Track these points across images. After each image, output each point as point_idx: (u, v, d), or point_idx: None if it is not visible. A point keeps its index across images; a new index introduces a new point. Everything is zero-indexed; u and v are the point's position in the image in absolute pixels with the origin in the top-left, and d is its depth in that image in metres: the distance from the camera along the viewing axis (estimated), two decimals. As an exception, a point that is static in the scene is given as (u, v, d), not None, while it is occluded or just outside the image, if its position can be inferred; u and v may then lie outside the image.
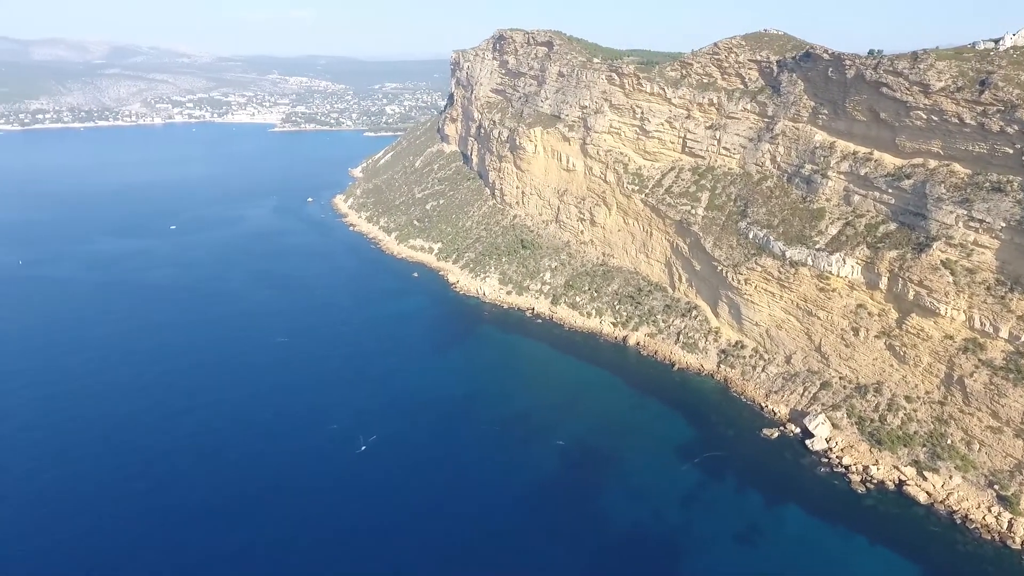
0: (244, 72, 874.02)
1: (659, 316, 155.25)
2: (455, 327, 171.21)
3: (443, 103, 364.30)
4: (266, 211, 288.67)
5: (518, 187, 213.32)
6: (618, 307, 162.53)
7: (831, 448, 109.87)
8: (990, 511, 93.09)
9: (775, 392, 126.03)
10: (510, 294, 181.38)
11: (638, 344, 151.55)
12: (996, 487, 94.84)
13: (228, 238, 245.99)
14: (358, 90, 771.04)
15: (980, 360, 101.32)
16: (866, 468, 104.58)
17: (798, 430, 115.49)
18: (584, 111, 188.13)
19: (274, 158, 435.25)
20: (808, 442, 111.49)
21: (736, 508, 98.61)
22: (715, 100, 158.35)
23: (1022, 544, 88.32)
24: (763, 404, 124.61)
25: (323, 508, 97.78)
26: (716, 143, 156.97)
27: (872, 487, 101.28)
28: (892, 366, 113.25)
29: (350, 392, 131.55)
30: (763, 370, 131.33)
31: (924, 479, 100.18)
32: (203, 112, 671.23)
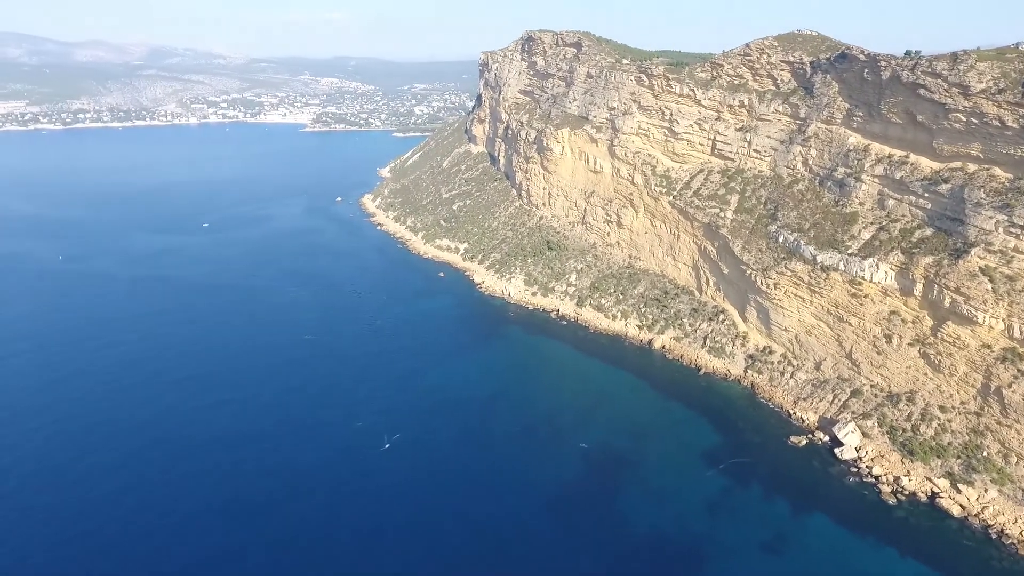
0: (277, 73, 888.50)
1: (685, 320, 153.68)
2: (480, 328, 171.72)
3: (471, 104, 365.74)
4: (296, 210, 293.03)
5: (545, 188, 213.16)
6: (644, 310, 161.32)
7: (861, 457, 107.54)
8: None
9: (804, 399, 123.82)
10: (535, 295, 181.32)
11: (664, 348, 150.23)
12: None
13: (259, 236, 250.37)
14: (387, 91, 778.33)
15: (1020, 370, 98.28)
16: (897, 479, 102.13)
17: (827, 438, 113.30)
18: (612, 112, 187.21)
19: (304, 158, 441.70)
20: (837, 451, 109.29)
21: (762, 516, 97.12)
22: (746, 102, 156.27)
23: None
24: (791, 411, 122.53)
25: (346, 506, 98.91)
26: (746, 145, 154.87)
27: (903, 498, 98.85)
28: (926, 375, 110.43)
29: (375, 390, 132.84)
30: (792, 376, 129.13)
31: (958, 492, 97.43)
32: (236, 112, 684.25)
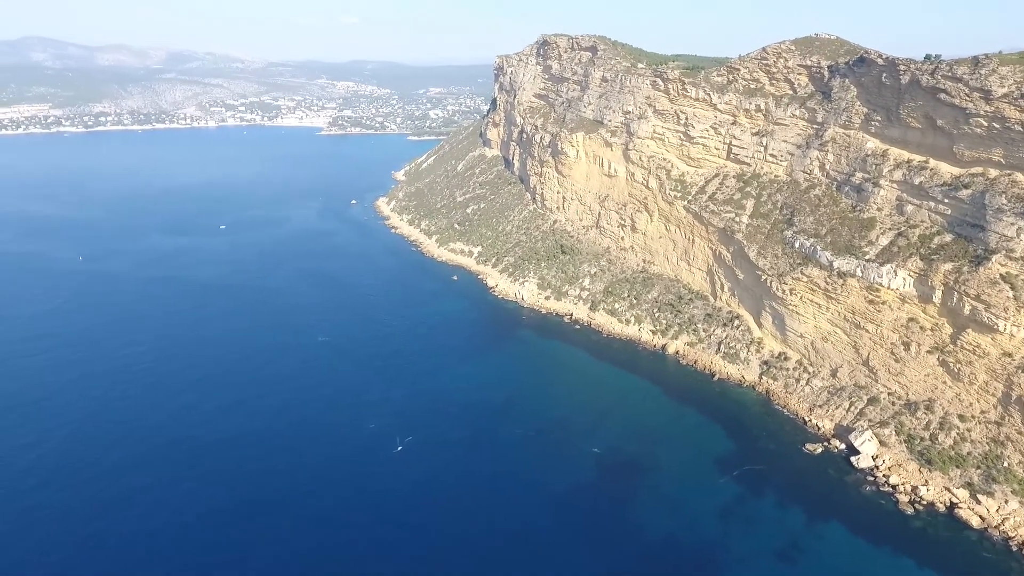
0: (294, 77, 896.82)
1: (700, 325, 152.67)
2: (493, 331, 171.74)
3: (486, 108, 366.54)
4: (312, 212, 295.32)
5: (559, 192, 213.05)
6: (658, 315, 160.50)
7: (878, 466, 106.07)
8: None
9: (819, 406, 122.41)
10: (549, 299, 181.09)
11: (677, 353, 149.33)
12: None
13: (274, 238, 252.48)
14: (403, 94, 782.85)
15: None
16: (915, 488, 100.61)
17: (843, 446, 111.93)
18: (627, 116, 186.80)
19: (320, 161, 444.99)
20: (853, 459, 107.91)
21: (776, 524, 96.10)
22: (762, 106, 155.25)
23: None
24: (806, 418, 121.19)
25: (359, 507, 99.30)
26: (763, 150, 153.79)
27: (921, 508, 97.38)
28: (945, 383, 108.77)
29: (388, 392, 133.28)
30: (807, 383, 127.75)
31: (977, 502, 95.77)
32: (254, 116, 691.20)
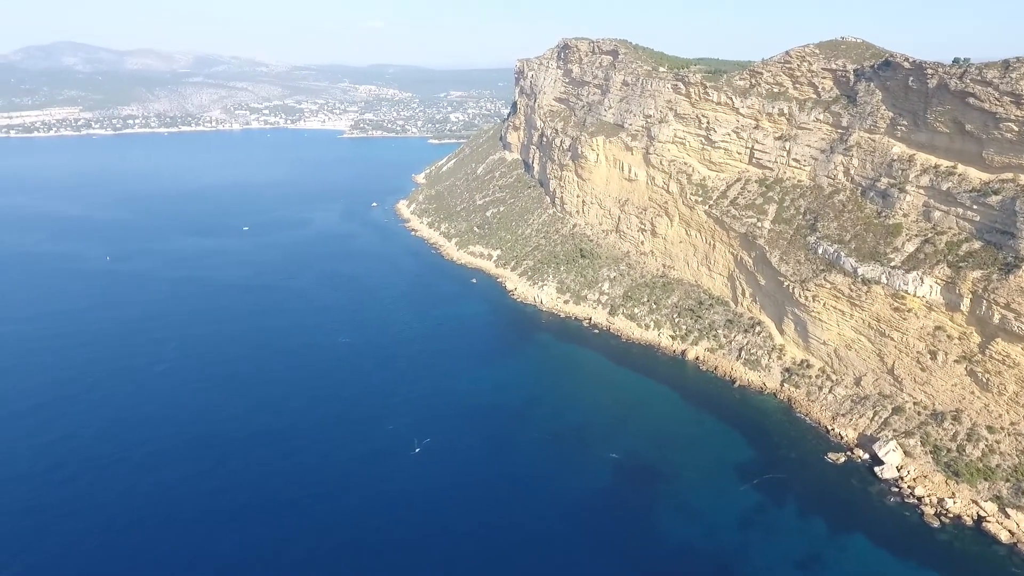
0: (317, 80, 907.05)
1: (720, 331, 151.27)
2: (511, 334, 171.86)
3: (506, 111, 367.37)
4: (333, 215, 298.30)
5: (579, 196, 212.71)
6: (677, 320, 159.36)
7: (902, 477, 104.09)
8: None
9: (842, 415, 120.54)
10: (567, 303, 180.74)
11: (697, 359, 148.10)
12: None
13: (297, 240, 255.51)
14: (424, 98, 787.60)
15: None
16: (941, 501, 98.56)
17: (867, 456, 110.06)
18: (648, 120, 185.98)
19: (342, 164, 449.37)
20: (877, 469, 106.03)
21: (797, 534, 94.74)
22: (785, 110, 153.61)
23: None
24: (829, 427, 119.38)
25: (376, 508, 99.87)
26: (785, 154, 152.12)
27: (947, 521, 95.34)
28: (973, 393, 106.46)
29: (407, 394, 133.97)
30: (830, 391, 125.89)
31: (1007, 516, 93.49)
32: (278, 119, 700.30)
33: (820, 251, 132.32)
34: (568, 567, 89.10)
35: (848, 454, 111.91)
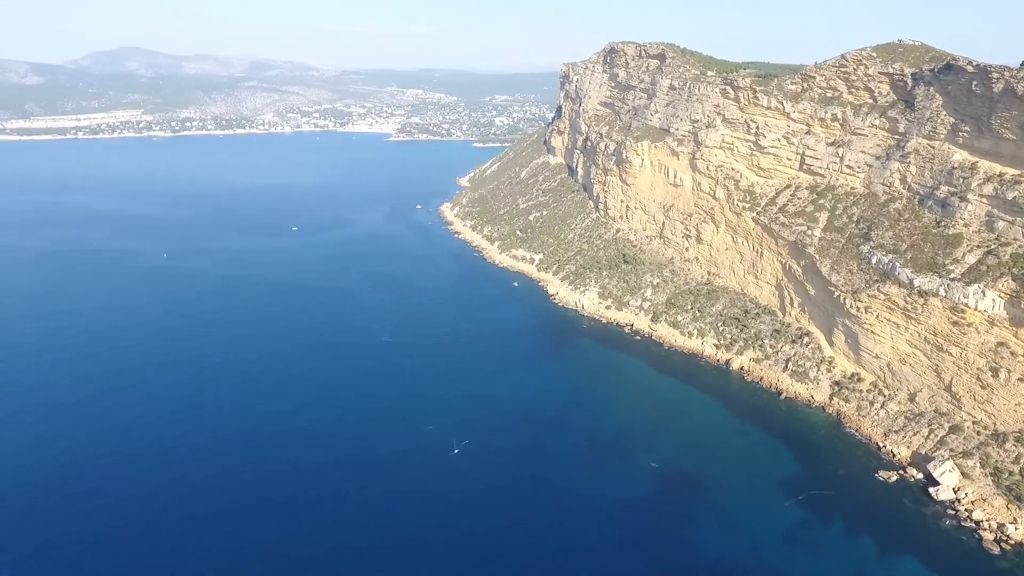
0: (365, 84, 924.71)
1: (766, 341, 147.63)
2: (552, 338, 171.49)
3: (551, 115, 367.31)
4: (378, 216, 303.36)
5: (622, 201, 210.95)
6: (722, 329, 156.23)
7: (959, 499, 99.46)
8: None
9: (895, 432, 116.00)
10: (609, 309, 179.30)
11: (742, 368, 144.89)
12: None
13: (343, 240, 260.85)
14: (469, 102, 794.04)
15: None
16: (1001, 526, 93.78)
17: (921, 476, 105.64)
18: (695, 125, 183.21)
19: (388, 166, 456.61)
20: (932, 490, 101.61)
21: (844, 554, 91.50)
22: (839, 115, 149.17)
23: None
24: (881, 444, 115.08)
25: (414, 507, 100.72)
26: (838, 161, 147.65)
27: (1008, 548, 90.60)
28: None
29: (446, 395, 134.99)
30: (882, 407, 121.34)
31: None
32: (327, 122, 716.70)
33: (874, 261, 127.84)
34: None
35: (900, 473, 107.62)
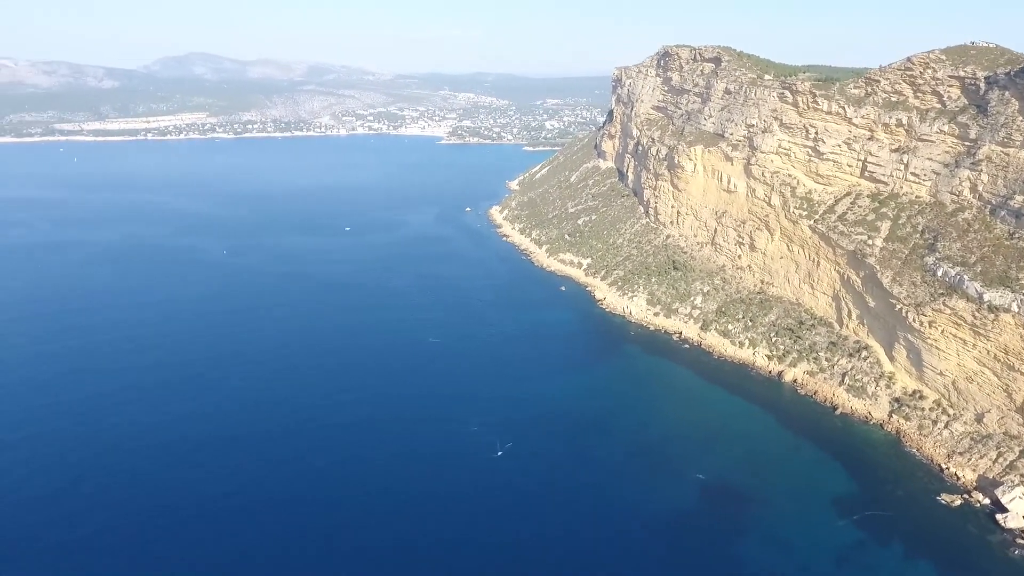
0: (419, 88, 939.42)
1: (822, 353, 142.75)
2: (598, 344, 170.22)
3: (602, 119, 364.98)
4: (428, 218, 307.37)
5: (673, 206, 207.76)
6: (775, 339, 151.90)
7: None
8: None
9: (960, 453, 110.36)
10: (657, 315, 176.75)
11: (795, 381, 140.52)
12: None
13: (394, 241, 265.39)
14: (520, 106, 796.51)
15: None
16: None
17: (987, 501, 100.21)
18: (750, 130, 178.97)
19: (438, 169, 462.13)
20: (1000, 517, 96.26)
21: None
22: (904, 120, 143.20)
23: None
24: (943, 465, 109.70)
25: (457, 508, 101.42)
26: (903, 168, 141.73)
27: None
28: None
29: (491, 396, 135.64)
30: (946, 426, 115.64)
31: None
32: (381, 125, 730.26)
33: (940, 273, 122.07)
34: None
35: (965, 497, 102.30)
